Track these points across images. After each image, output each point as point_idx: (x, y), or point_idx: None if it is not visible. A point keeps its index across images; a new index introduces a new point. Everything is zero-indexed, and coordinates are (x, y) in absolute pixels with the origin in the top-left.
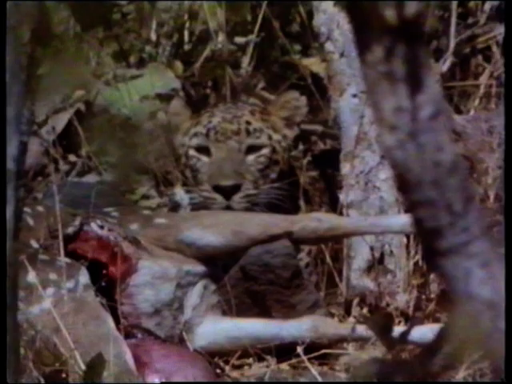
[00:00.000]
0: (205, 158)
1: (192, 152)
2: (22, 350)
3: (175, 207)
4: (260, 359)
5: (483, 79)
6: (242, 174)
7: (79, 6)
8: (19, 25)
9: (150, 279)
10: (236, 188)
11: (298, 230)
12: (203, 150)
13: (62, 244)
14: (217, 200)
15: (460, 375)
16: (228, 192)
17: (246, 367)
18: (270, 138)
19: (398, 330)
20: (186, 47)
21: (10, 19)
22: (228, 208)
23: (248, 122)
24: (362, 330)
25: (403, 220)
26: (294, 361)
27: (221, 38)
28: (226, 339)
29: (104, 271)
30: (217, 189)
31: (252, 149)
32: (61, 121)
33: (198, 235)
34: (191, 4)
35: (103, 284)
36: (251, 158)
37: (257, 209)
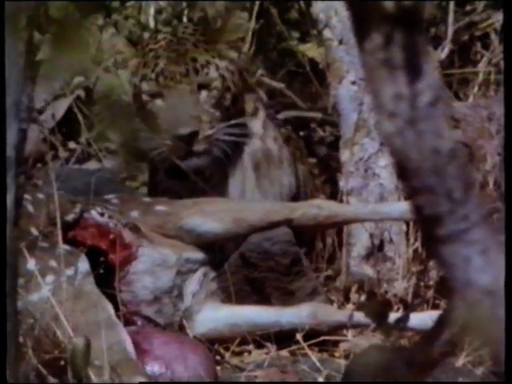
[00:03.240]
0: (159, 102)
1: (145, 97)
2: (21, 338)
3: None
4: (260, 346)
5: (482, 66)
6: (199, 116)
7: None
8: (16, 11)
9: (150, 266)
10: (195, 134)
11: (298, 216)
12: (156, 95)
13: (60, 231)
14: (179, 147)
15: (459, 362)
16: (188, 139)
17: (245, 354)
18: (217, 68)
19: (394, 316)
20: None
21: (7, 5)
22: (190, 153)
23: (194, 60)
24: (361, 316)
25: (403, 207)
26: (293, 347)
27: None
28: (225, 326)
29: (102, 258)
30: (177, 137)
31: (203, 86)
32: (60, 107)
33: (199, 222)
34: None
35: (102, 271)
36: (204, 95)
37: (216, 149)
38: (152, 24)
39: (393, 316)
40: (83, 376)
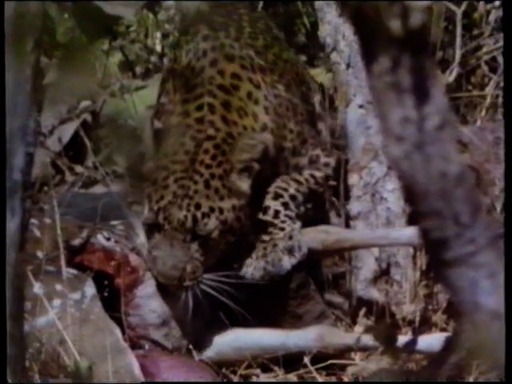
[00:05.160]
0: (156, 234)
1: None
2: (27, 362)
3: None
4: (267, 370)
5: (489, 90)
6: (184, 267)
7: (84, 18)
8: (23, 35)
9: (157, 290)
10: (176, 279)
11: (307, 241)
12: (155, 226)
13: (63, 256)
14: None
15: None
16: (168, 282)
17: (253, 378)
18: (220, 212)
19: (402, 339)
20: None
21: (15, 30)
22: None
23: (198, 206)
24: (368, 339)
25: (410, 232)
26: (301, 371)
27: None
28: (232, 349)
29: (106, 282)
30: (158, 279)
31: (198, 237)
32: (67, 131)
33: None
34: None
35: (108, 295)
36: (195, 244)
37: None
38: (159, 48)
39: (401, 339)
40: None
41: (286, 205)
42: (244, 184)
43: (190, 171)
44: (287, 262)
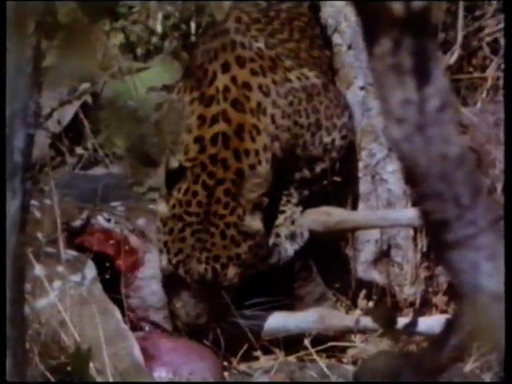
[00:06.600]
0: (176, 284)
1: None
2: (27, 344)
3: None
4: (267, 352)
5: (490, 72)
6: (208, 314)
7: None
8: (24, 16)
9: (158, 272)
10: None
11: (308, 223)
12: (174, 276)
13: (61, 237)
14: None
15: (468, 368)
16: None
17: (254, 359)
18: (238, 258)
19: (402, 321)
20: (193, 39)
21: (15, 11)
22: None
23: (216, 258)
24: (368, 321)
25: (411, 213)
26: (301, 353)
27: None
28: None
29: (107, 264)
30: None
31: (220, 286)
32: (67, 113)
33: None
34: None
35: (109, 277)
36: (218, 292)
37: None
38: (160, 29)
39: (401, 321)
40: (84, 376)
41: (288, 195)
42: (257, 222)
43: (206, 223)
44: (290, 249)
